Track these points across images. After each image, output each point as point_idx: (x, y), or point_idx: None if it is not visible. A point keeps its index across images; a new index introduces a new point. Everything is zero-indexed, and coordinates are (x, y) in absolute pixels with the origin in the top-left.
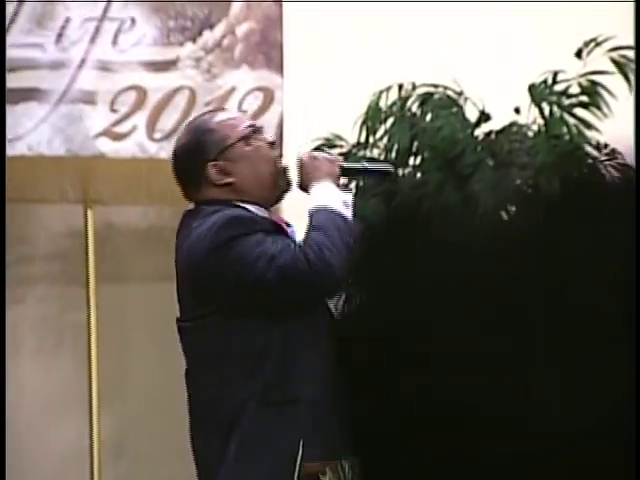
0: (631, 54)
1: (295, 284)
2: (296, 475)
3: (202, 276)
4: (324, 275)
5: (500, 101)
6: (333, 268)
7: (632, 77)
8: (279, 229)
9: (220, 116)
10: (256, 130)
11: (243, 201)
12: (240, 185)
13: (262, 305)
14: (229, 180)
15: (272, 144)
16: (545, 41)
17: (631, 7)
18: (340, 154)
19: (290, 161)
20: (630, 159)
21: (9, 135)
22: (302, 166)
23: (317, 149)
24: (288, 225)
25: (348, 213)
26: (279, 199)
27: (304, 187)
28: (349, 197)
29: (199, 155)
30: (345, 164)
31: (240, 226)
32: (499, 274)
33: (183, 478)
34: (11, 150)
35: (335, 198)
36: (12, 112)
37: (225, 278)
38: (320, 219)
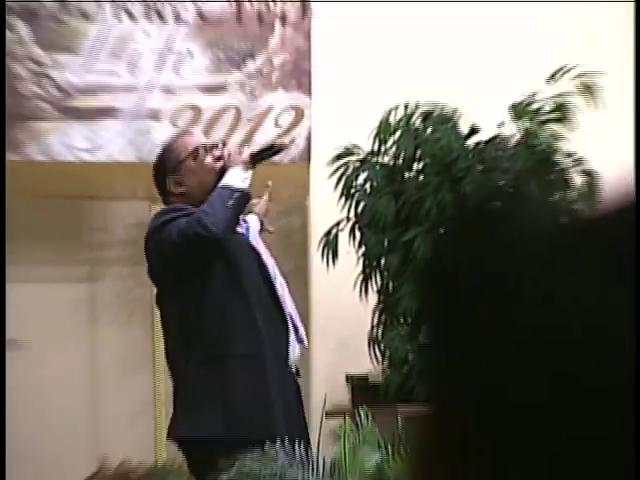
0: (594, 78)
1: (183, 238)
2: (322, 423)
3: (147, 254)
4: (198, 231)
5: (487, 117)
6: (206, 227)
7: (594, 96)
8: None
9: (179, 138)
10: (206, 147)
11: (194, 207)
12: (190, 194)
13: (177, 264)
14: (182, 190)
15: (219, 158)
16: (524, 67)
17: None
18: (357, 160)
19: (317, 164)
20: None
21: (91, 145)
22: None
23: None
24: (244, 221)
25: (240, 185)
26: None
27: None
28: (248, 174)
29: (161, 170)
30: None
31: (170, 212)
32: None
33: None
34: (92, 157)
35: (230, 177)
36: (93, 127)
37: (157, 251)
38: (213, 194)
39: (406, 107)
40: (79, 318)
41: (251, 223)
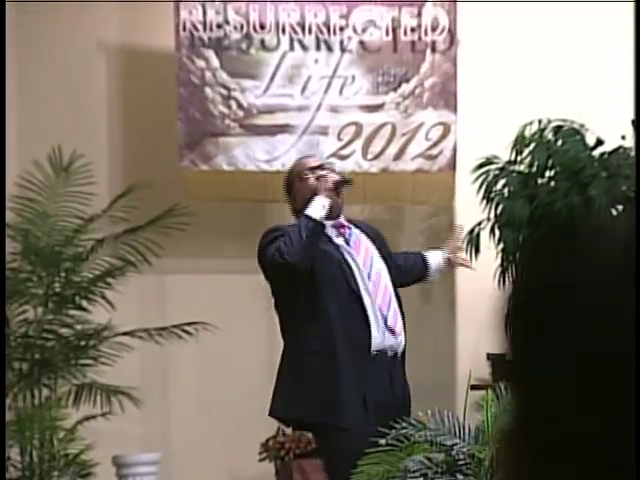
0: None
1: (270, 264)
2: (467, 395)
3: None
4: (277, 261)
5: (611, 130)
6: (283, 257)
7: None
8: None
9: (298, 161)
10: (311, 168)
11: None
12: (297, 206)
13: (273, 279)
14: (295, 207)
15: (319, 178)
16: None
17: None
18: (497, 168)
19: (462, 172)
20: None
21: (269, 157)
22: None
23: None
24: (348, 227)
25: (318, 213)
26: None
27: None
28: (327, 202)
29: (285, 190)
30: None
31: (272, 233)
32: None
33: None
34: (270, 167)
35: (312, 205)
36: (271, 141)
37: (263, 269)
38: (298, 222)
39: (540, 122)
40: (259, 304)
41: (431, 259)
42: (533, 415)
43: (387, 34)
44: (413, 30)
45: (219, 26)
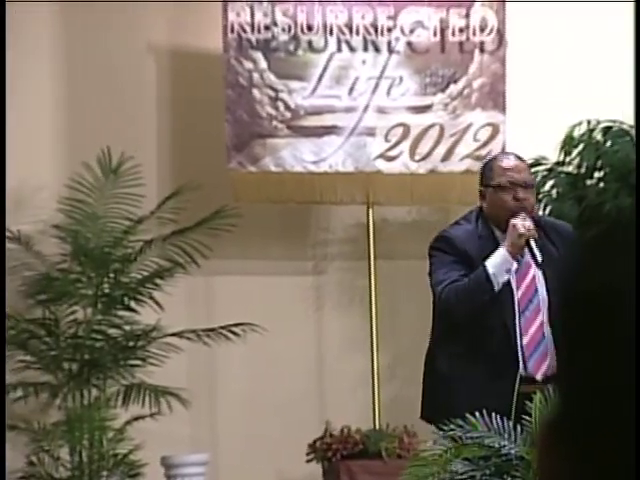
0: None
1: (433, 291)
2: (515, 392)
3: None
4: (443, 304)
5: None
6: (446, 305)
7: None
8: (468, 260)
9: (496, 161)
10: (504, 187)
11: (490, 219)
12: (486, 212)
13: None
14: (483, 203)
15: (516, 199)
16: None
17: None
18: (545, 170)
19: None
20: None
21: (316, 158)
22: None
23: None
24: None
25: (500, 278)
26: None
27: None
28: (514, 265)
29: (479, 177)
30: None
31: (439, 241)
32: None
33: None
34: (317, 168)
35: (499, 262)
36: (318, 142)
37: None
38: (476, 275)
39: (588, 123)
40: (307, 305)
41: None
42: (573, 410)
43: (435, 35)
44: (461, 31)
45: (267, 28)
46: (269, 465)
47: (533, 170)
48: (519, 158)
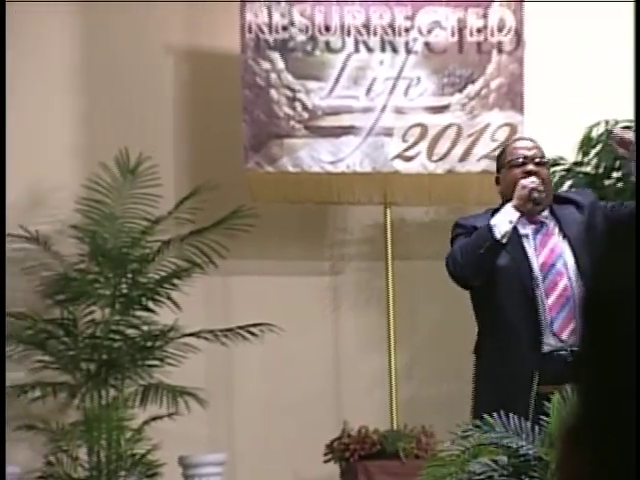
0: None
1: (447, 265)
2: (533, 393)
3: None
4: (449, 269)
5: None
6: (455, 268)
7: None
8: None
9: (511, 144)
10: (515, 164)
11: (506, 201)
12: (502, 192)
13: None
14: (499, 187)
15: (528, 173)
16: None
17: None
18: (563, 169)
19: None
20: None
21: (334, 158)
22: None
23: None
24: (542, 222)
25: (502, 227)
26: (531, 211)
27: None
28: (515, 215)
29: (496, 163)
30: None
31: (454, 230)
32: None
33: (458, 395)
34: (335, 168)
35: (500, 216)
36: (335, 142)
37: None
38: (477, 232)
39: (606, 123)
40: (324, 305)
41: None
42: (593, 413)
43: (453, 35)
44: (479, 31)
45: (284, 28)
46: (286, 465)
47: (552, 170)
48: (530, 140)
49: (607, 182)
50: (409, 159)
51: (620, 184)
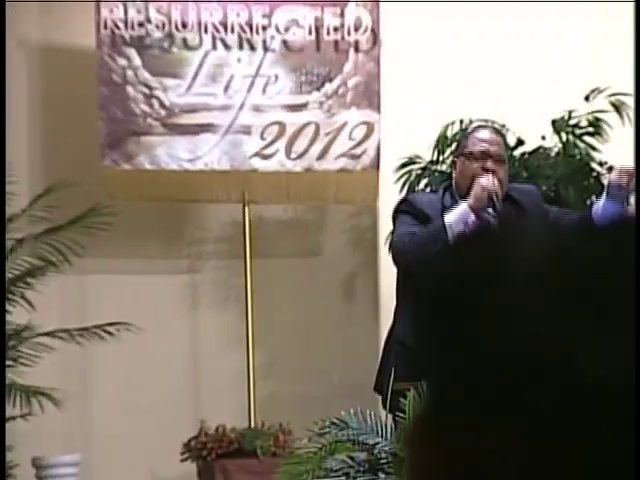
0: (625, 98)
1: (393, 246)
2: (389, 390)
3: None
4: (395, 254)
5: (531, 131)
6: (402, 255)
7: (626, 114)
8: (426, 219)
9: (473, 133)
10: (476, 157)
11: (457, 190)
12: (455, 180)
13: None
14: (453, 172)
15: (486, 170)
16: (563, 86)
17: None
18: (419, 168)
19: (385, 172)
20: None
21: (192, 156)
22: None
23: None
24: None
25: (457, 228)
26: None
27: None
28: (471, 217)
29: (455, 149)
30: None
31: (401, 204)
32: None
33: (316, 394)
34: (193, 166)
35: (456, 213)
36: (194, 140)
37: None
38: (433, 225)
39: (461, 122)
40: (182, 304)
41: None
42: (444, 411)
43: (310, 33)
44: (336, 30)
45: (141, 24)
46: (143, 465)
47: (406, 169)
48: (496, 132)
49: None
50: (267, 157)
51: None
